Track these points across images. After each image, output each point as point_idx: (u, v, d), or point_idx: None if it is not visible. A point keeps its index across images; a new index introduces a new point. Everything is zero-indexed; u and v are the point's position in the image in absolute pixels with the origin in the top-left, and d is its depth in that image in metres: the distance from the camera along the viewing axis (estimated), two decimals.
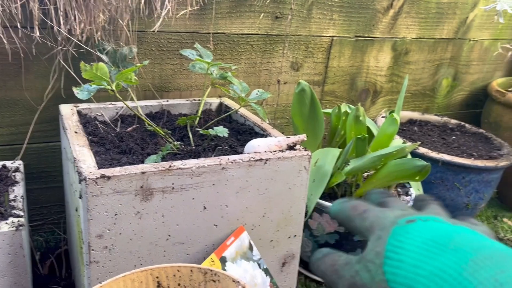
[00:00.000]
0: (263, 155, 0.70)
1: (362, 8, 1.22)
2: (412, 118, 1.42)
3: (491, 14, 1.44)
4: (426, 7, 1.33)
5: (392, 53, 1.34)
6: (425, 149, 1.14)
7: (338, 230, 0.94)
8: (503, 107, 1.39)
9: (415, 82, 1.45)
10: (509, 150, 1.23)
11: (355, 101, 1.35)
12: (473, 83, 1.57)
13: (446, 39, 1.43)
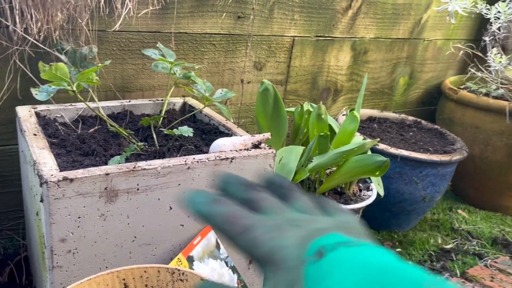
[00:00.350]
0: (229, 154, 0.71)
1: (322, 8, 1.25)
2: (372, 115, 1.46)
3: (444, 15, 1.51)
4: (383, 8, 1.38)
5: (352, 53, 1.38)
6: (385, 145, 1.18)
7: None
8: (456, 104, 1.46)
9: (374, 81, 1.49)
10: (461, 144, 1.29)
11: (317, 100, 1.38)
12: (428, 81, 1.64)
13: (402, 39, 1.48)
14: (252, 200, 0.27)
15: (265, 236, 0.24)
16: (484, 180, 1.45)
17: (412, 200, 1.20)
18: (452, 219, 1.40)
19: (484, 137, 1.38)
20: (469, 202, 1.52)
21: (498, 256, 1.21)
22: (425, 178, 1.17)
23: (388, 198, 1.21)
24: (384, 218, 1.27)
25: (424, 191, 1.19)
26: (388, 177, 1.19)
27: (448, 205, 1.50)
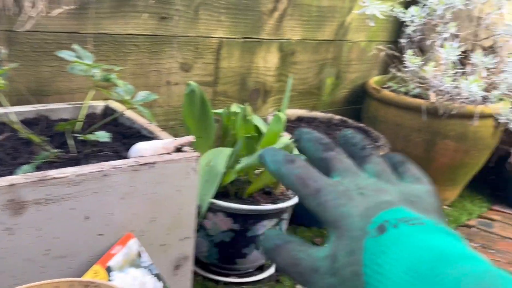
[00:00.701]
0: (149, 159, 0.69)
1: (248, 10, 1.26)
2: (301, 115, 1.50)
3: (366, 17, 1.58)
4: (308, 10, 1.41)
5: (280, 54, 1.41)
6: None
7: (233, 227, 0.96)
8: (379, 103, 1.53)
9: (302, 82, 1.53)
10: (384, 141, 1.36)
11: (247, 101, 1.39)
12: (354, 81, 1.71)
13: (328, 41, 1.53)
14: (327, 160, 0.28)
15: (333, 202, 0.25)
16: None
17: None
18: None
19: (405, 134, 1.47)
20: None
21: None
22: None
23: None
24: (313, 216, 1.30)
25: None
26: None
27: None
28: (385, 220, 0.24)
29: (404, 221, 0.23)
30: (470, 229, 1.44)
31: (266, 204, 0.98)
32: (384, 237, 0.23)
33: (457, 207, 1.59)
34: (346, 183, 0.26)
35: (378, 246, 0.23)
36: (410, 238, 0.23)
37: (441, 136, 1.41)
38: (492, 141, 1.45)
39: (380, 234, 0.23)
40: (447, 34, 1.24)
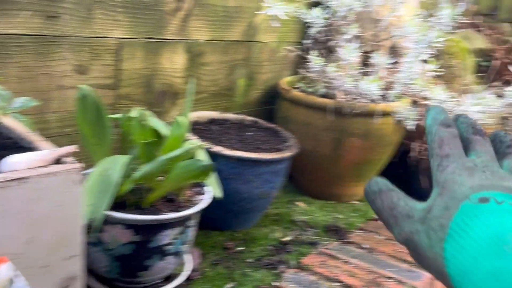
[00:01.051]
0: (20, 173, 0.62)
1: (148, 9, 1.20)
2: (213, 117, 1.47)
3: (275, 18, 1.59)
4: (214, 10, 1.39)
5: (187, 55, 1.37)
6: (220, 147, 1.19)
7: (133, 239, 0.91)
8: (289, 103, 1.55)
9: (213, 83, 1.50)
10: (293, 141, 1.37)
11: (154, 104, 1.33)
12: (266, 82, 1.72)
13: (237, 41, 1.52)
14: (471, 141, 0.29)
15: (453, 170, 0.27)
16: (318, 172, 1.57)
17: (250, 198, 1.24)
18: (292, 211, 1.49)
19: (314, 133, 1.50)
20: (307, 194, 1.63)
21: (330, 242, 1.32)
22: (260, 176, 1.22)
23: (228, 199, 1.22)
24: (227, 218, 1.28)
25: (260, 188, 1.23)
26: (226, 178, 1.20)
27: (288, 198, 1.59)
28: (492, 196, 0.24)
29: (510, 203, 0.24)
30: (378, 222, 1.51)
31: (169, 212, 0.94)
32: (482, 206, 0.24)
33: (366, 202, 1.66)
34: (477, 161, 0.28)
35: (474, 210, 0.24)
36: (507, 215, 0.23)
37: (347, 134, 1.46)
38: (395, 137, 1.53)
39: (480, 203, 0.24)
40: (349, 36, 1.28)
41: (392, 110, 1.31)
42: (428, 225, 0.26)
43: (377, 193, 0.30)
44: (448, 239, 0.25)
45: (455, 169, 0.27)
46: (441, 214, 0.26)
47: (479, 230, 0.23)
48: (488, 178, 0.27)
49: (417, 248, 0.27)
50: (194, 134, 1.31)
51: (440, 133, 0.29)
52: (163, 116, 1.37)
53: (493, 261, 0.22)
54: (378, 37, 1.47)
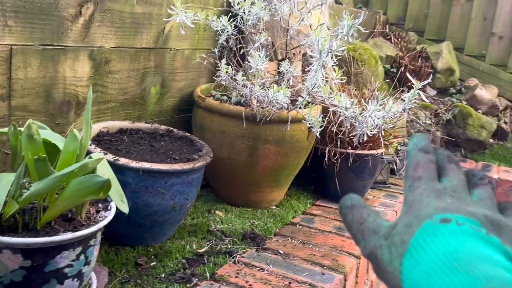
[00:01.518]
0: None
1: (44, 14, 1.12)
2: (123, 127, 1.41)
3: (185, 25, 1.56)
4: (121, 16, 1.33)
5: (91, 63, 1.30)
6: (126, 159, 1.14)
7: (24, 264, 0.84)
8: (204, 111, 1.53)
9: (122, 91, 1.44)
10: (207, 150, 1.35)
11: (56, 115, 1.25)
12: (181, 89, 1.68)
13: (148, 48, 1.47)
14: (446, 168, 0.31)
15: (422, 192, 0.29)
16: (235, 180, 1.56)
17: (162, 211, 1.20)
18: (210, 221, 1.47)
19: (230, 141, 1.49)
20: (226, 202, 1.62)
21: (246, 250, 1.32)
22: (171, 188, 1.18)
23: (138, 213, 1.17)
24: (138, 233, 1.23)
25: (172, 200, 1.20)
26: (134, 192, 1.15)
27: (207, 208, 1.56)
28: (454, 218, 0.25)
29: (470, 226, 0.25)
30: (295, 226, 1.53)
31: (65, 232, 0.87)
32: (443, 226, 0.25)
33: (285, 206, 1.68)
34: (447, 186, 0.29)
35: (434, 229, 0.25)
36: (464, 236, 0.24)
37: (262, 141, 1.47)
38: (308, 143, 1.57)
39: (442, 223, 0.25)
40: (259, 44, 1.29)
41: (303, 117, 1.34)
42: (391, 241, 0.27)
43: (349, 208, 0.31)
44: (407, 255, 0.25)
45: (424, 191, 0.29)
46: (404, 231, 0.27)
47: (436, 247, 0.24)
48: (454, 202, 0.28)
49: (378, 263, 0.28)
50: (101, 145, 1.24)
51: (417, 157, 0.31)
52: (68, 127, 1.29)
53: (444, 277, 0.23)
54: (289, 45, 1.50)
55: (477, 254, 0.24)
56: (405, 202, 0.30)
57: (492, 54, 3.03)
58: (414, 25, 3.26)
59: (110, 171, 1.01)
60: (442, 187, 0.29)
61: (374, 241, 0.29)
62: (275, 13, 1.29)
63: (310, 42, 1.20)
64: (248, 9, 1.31)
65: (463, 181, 0.31)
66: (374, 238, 0.29)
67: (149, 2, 1.41)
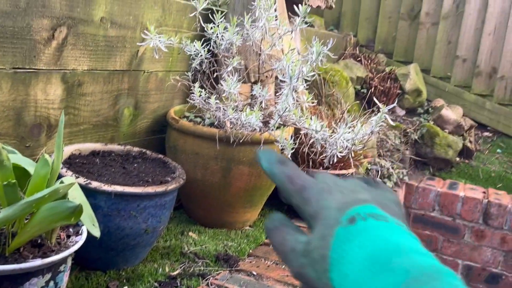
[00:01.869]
0: None
1: (15, 38, 1.12)
2: (95, 149, 1.40)
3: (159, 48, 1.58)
4: (94, 40, 1.34)
5: (64, 85, 1.30)
6: (98, 183, 1.13)
7: None
8: (178, 132, 1.54)
9: (95, 114, 1.44)
10: (180, 172, 1.36)
11: (27, 138, 1.23)
12: (155, 111, 1.69)
13: (121, 71, 1.48)
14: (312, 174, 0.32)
15: (316, 197, 0.29)
16: (209, 201, 1.57)
17: (134, 234, 1.19)
18: (183, 243, 1.46)
19: (203, 162, 1.50)
20: (199, 223, 1.62)
21: (219, 272, 1.32)
22: (143, 210, 1.18)
23: (109, 237, 1.17)
24: (110, 257, 1.22)
25: (144, 223, 1.20)
26: (106, 215, 1.14)
27: (180, 229, 1.56)
28: (357, 213, 0.27)
29: (372, 216, 0.27)
30: (268, 247, 1.54)
31: (34, 259, 0.86)
32: (352, 228, 0.26)
33: (258, 226, 1.69)
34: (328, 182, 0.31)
35: (346, 234, 0.26)
36: (374, 230, 0.26)
37: (235, 162, 1.49)
38: None
39: (350, 224, 0.26)
40: (231, 68, 1.32)
41: (275, 139, 1.37)
42: (311, 258, 0.27)
43: (272, 230, 0.31)
44: (331, 269, 0.26)
45: (317, 196, 0.29)
46: (320, 245, 0.27)
47: (355, 253, 0.25)
48: (346, 196, 0.29)
49: (307, 282, 0.28)
50: (73, 168, 1.23)
51: (284, 171, 0.31)
52: (38, 150, 1.28)
53: (372, 282, 0.24)
54: (261, 69, 1.54)
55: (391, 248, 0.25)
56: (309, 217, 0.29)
57: (456, 76, 3.16)
58: (383, 47, 3.38)
59: (81, 195, 1.01)
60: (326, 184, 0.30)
61: (296, 261, 0.28)
62: (247, 38, 1.33)
63: (282, 67, 1.24)
64: (221, 33, 1.34)
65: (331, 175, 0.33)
66: (295, 258, 0.29)
67: (122, 26, 1.42)
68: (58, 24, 1.22)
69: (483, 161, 2.83)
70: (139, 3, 1.45)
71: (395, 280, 0.23)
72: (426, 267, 0.24)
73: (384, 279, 0.24)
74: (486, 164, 2.80)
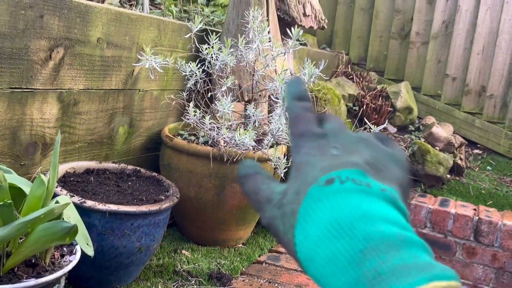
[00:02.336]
0: None
1: (13, 58, 1.14)
2: (89, 167, 1.41)
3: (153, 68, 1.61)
4: (90, 60, 1.36)
5: (60, 105, 1.31)
6: (92, 202, 1.14)
7: None
8: (172, 150, 1.56)
9: (90, 132, 1.45)
10: (174, 190, 1.37)
11: (22, 157, 1.24)
12: (150, 129, 1.71)
13: (117, 90, 1.50)
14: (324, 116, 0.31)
15: (307, 150, 0.28)
16: (202, 218, 1.58)
17: (128, 253, 1.20)
18: (176, 261, 1.47)
19: (197, 180, 1.52)
20: (192, 241, 1.63)
21: None
22: (137, 229, 1.19)
23: (103, 255, 1.17)
24: (103, 275, 1.22)
25: (138, 242, 1.20)
26: (100, 234, 1.15)
27: (173, 247, 1.56)
28: (337, 176, 0.26)
29: (353, 180, 0.26)
30: (261, 265, 1.55)
31: (28, 279, 0.87)
32: (327, 188, 0.25)
33: (251, 244, 1.70)
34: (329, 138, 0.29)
35: (318, 194, 0.25)
36: (346, 194, 0.25)
37: (229, 180, 1.50)
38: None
39: (326, 185, 0.26)
40: (225, 88, 1.34)
41: (268, 157, 1.39)
42: (283, 211, 0.27)
43: (244, 178, 0.30)
44: (297, 226, 0.25)
45: (309, 149, 0.28)
46: (293, 199, 0.26)
47: (321, 214, 0.25)
48: (338, 156, 0.28)
49: (276, 234, 0.27)
50: (67, 187, 1.24)
51: (295, 109, 0.30)
52: (33, 169, 1.28)
53: (330, 245, 0.24)
54: (255, 88, 1.57)
55: (358, 214, 0.24)
56: (293, 165, 0.29)
57: (446, 94, 3.22)
58: (375, 66, 3.44)
59: (76, 214, 1.02)
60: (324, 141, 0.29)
61: (269, 211, 0.28)
62: (241, 59, 1.36)
63: (275, 87, 1.26)
64: (215, 54, 1.37)
65: (340, 120, 0.31)
66: (269, 208, 0.28)
67: (119, 46, 1.45)
68: (55, 45, 1.24)
69: (473, 178, 2.87)
70: (135, 23, 1.48)
71: (353, 246, 0.23)
72: (389, 235, 0.23)
73: (342, 244, 0.23)
74: (476, 181, 2.84)
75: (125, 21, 1.44)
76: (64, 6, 1.23)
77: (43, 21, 1.19)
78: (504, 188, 2.76)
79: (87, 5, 1.30)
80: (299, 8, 1.86)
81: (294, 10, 1.83)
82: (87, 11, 1.30)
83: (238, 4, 1.68)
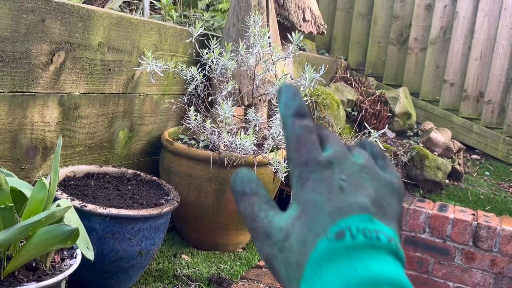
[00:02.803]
0: None
1: (14, 62, 1.14)
2: (90, 171, 1.41)
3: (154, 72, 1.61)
4: (91, 64, 1.37)
5: (60, 108, 1.31)
6: (93, 205, 1.14)
7: None
8: (172, 155, 1.56)
9: (90, 136, 1.45)
10: (174, 194, 1.37)
11: (22, 160, 1.24)
12: (150, 133, 1.71)
13: (117, 94, 1.51)
14: (323, 136, 0.28)
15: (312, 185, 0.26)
16: (202, 222, 1.58)
17: (128, 257, 1.19)
18: (176, 265, 1.46)
19: (197, 184, 1.52)
20: (192, 245, 1.62)
21: None
22: (137, 233, 1.19)
23: (103, 259, 1.17)
24: (103, 279, 1.21)
25: (138, 246, 1.20)
26: (100, 238, 1.15)
27: (173, 252, 1.56)
28: (347, 227, 0.25)
29: (363, 232, 0.25)
30: (261, 269, 1.55)
31: (29, 283, 0.86)
32: (337, 245, 0.24)
33: (251, 249, 1.70)
34: (334, 168, 0.27)
35: (328, 252, 0.24)
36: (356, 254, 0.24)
37: (229, 185, 1.50)
38: (274, 185, 1.62)
39: (337, 239, 0.24)
40: (226, 92, 1.35)
41: (268, 161, 1.39)
42: (286, 257, 0.25)
43: (240, 195, 0.27)
44: (303, 282, 0.24)
45: (314, 184, 0.26)
46: (299, 249, 0.25)
47: (331, 277, 0.24)
48: (345, 196, 0.26)
49: (276, 273, 0.26)
50: (68, 191, 1.24)
51: (295, 130, 0.27)
52: (33, 172, 1.28)
53: None
54: (255, 93, 1.57)
55: (367, 280, 0.24)
56: (296, 199, 0.27)
57: (444, 99, 3.24)
58: (373, 71, 3.45)
59: (76, 218, 1.02)
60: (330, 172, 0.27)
61: (268, 247, 0.26)
62: (242, 64, 1.36)
63: (275, 92, 1.27)
64: (216, 59, 1.37)
65: (342, 144, 0.29)
66: (268, 244, 0.26)
67: (119, 50, 1.45)
68: (56, 48, 1.24)
69: (472, 183, 2.88)
70: (136, 28, 1.48)
71: None
72: None
73: None
74: (475, 186, 2.85)
75: (126, 25, 1.45)
76: (66, 10, 1.24)
77: (45, 25, 1.19)
78: (502, 193, 2.77)
79: (89, 9, 1.31)
80: (298, 14, 1.88)
81: (294, 15, 1.84)
82: (89, 15, 1.31)
83: (239, 9, 1.68)
